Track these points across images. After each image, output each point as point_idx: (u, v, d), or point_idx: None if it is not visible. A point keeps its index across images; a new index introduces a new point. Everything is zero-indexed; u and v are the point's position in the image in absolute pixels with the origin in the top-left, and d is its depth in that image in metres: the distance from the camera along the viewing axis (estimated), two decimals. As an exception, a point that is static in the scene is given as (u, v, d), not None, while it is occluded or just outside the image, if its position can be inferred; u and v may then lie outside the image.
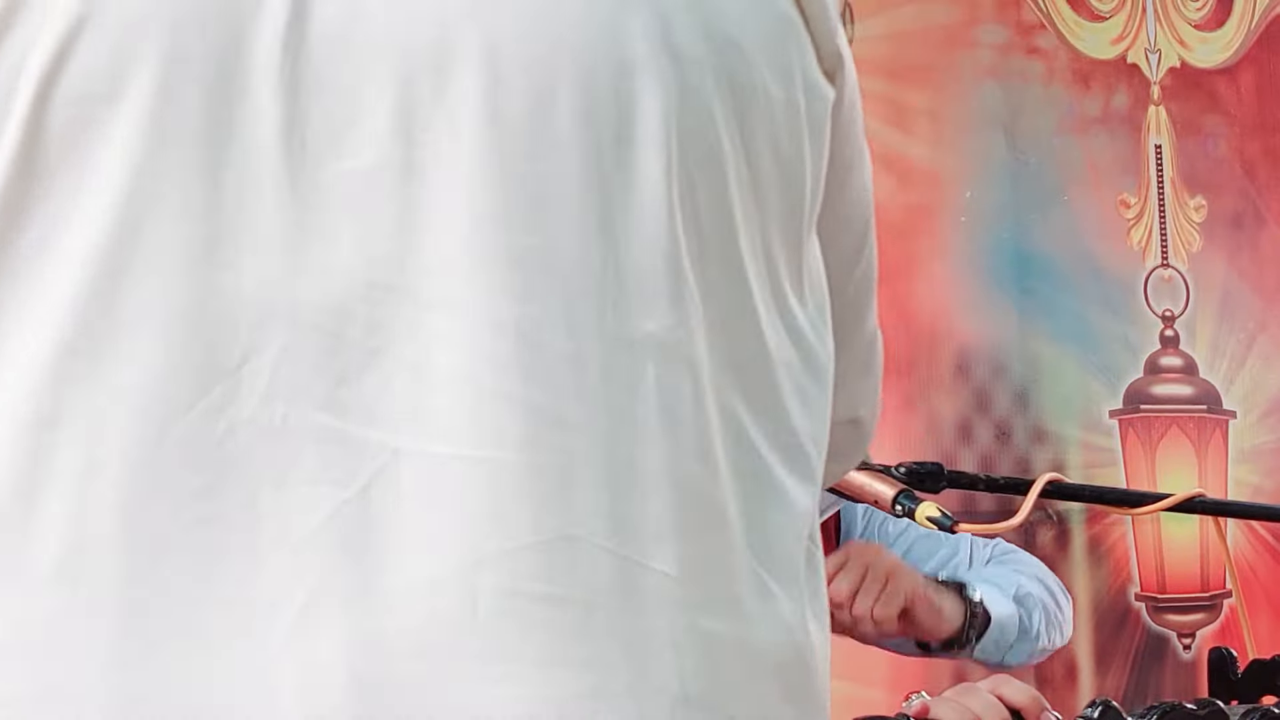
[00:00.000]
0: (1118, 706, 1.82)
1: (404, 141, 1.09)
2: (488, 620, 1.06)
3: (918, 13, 4.06)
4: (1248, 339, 4.39)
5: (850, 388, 1.32)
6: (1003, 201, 4.12)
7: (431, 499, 1.07)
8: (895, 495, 1.98)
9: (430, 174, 1.09)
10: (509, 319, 1.08)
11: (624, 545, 1.08)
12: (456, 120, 1.10)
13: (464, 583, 1.06)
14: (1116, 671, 4.17)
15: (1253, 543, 4.31)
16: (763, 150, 1.16)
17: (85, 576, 1.06)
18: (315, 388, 1.08)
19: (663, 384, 1.11)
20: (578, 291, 1.10)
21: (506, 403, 1.08)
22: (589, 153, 1.11)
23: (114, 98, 1.09)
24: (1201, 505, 2.09)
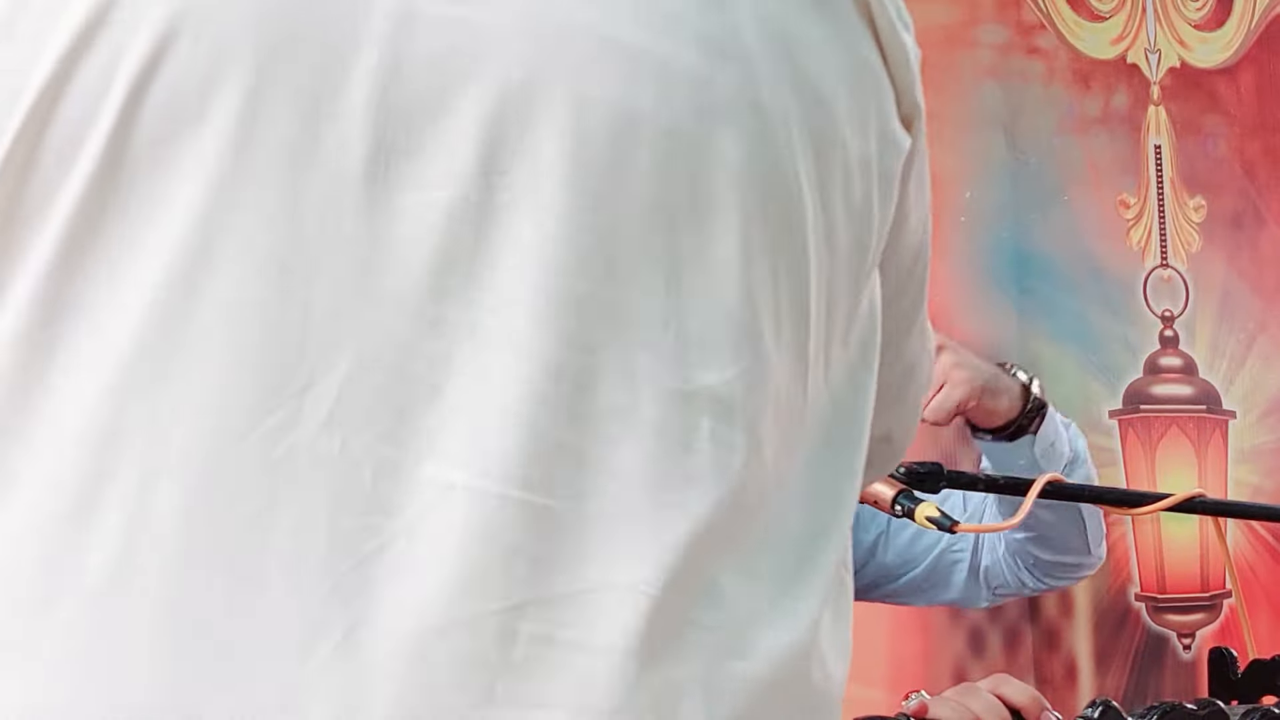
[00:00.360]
0: (1118, 706, 1.82)
1: (483, 181, 1.10)
2: (523, 664, 1.07)
3: (918, 13, 4.03)
4: (1247, 339, 4.39)
5: (882, 411, 1.32)
6: (1003, 201, 4.12)
7: (478, 538, 1.08)
8: (895, 495, 1.99)
9: (505, 215, 1.10)
10: (567, 366, 1.09)
11: (666, 593, 1.09)
12: (537, 165, 1.10)
13: (503, 624, 1.07)
14: (1116, 671, 4.17)
15: (1253, 543, 4.31)
16: (837, 203, 1.16)
17: (136, 591, 1.07)
18: (375, 418, 1.08)
19: (717, 437, 1.11)
20: (638, 344, 1.10)
21: (557, 449, 1.09)
22: (663, 208, 1.11)
23: (201, 115, 1.09)
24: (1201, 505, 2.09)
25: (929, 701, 1.90)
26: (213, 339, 1.08)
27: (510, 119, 1.10)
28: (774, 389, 1.14)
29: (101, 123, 1.09)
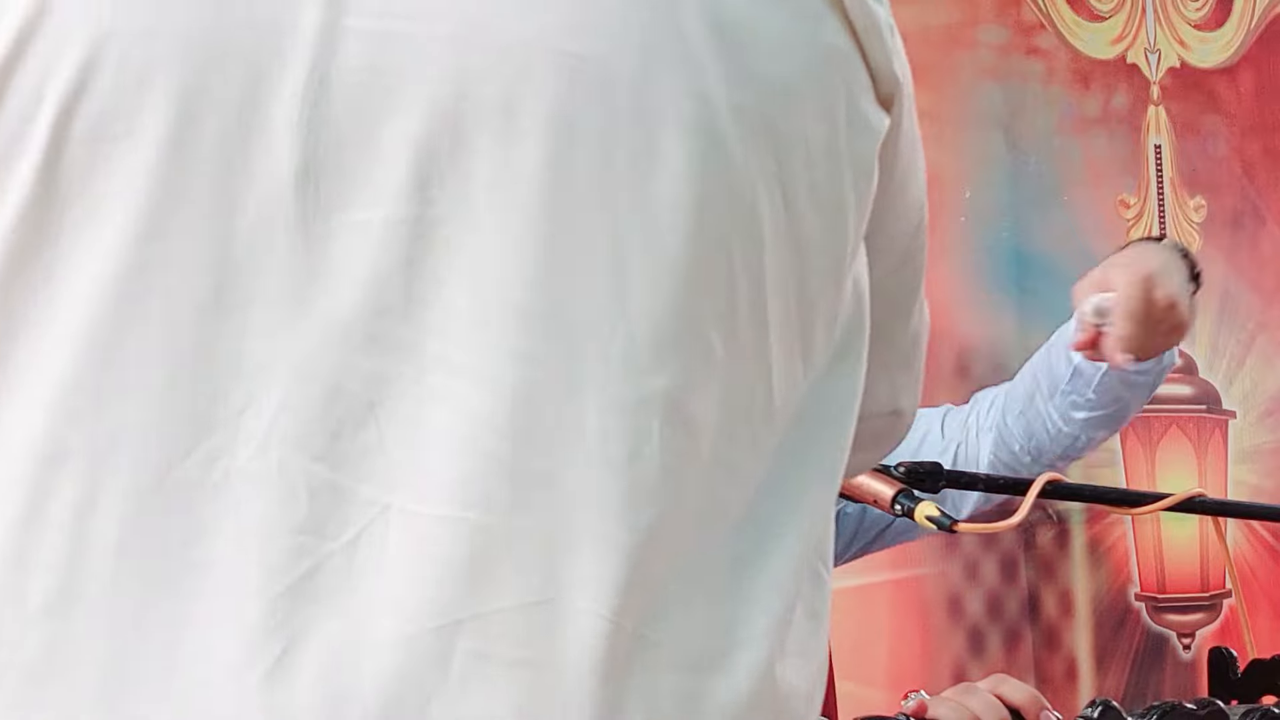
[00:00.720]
0: (1118, 706, 1.82)
1: (418, 197, 1.09)
2: (459, 682, 1.07)
3: (918, 13, 4.06)
4: (1247, 339, 4.39)
5: (892, 380, 1.33)
6: (1003, 201, 4.12)
7: (415, 557, 1.07)
8: (894, 494, 1.98)
9: (441, 231, 1.09)
10: (507, 380, 1.08)
11: (607, 608, 1.08)
12: (471, 179, 1.09)
13: (439, 643, 1.07)
14: (1116, 671, 4.17)
15: (1252, 543, 4.31)
16: (800, 195, 1.15)
17: (76, 613, 1.07)
18: (312, 438, 1.08)
19: (667, 444, 1.10)
20: (583, 353, 1.09)
21: (497, 465, 1.08)
22: (604, 213, 1.10)
23: (130, 137, 1.08)
24: (1201, 505, 2.09)
25: (928, 701, 1.90)
26: (148, 362, 1.08)
27: (442, 134, 1.10)
28: (730, 392, 1.12)
29: (32, 146, 1.09)
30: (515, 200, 1.09)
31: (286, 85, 1.09)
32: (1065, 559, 4.15)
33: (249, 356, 1.09)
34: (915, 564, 3.95)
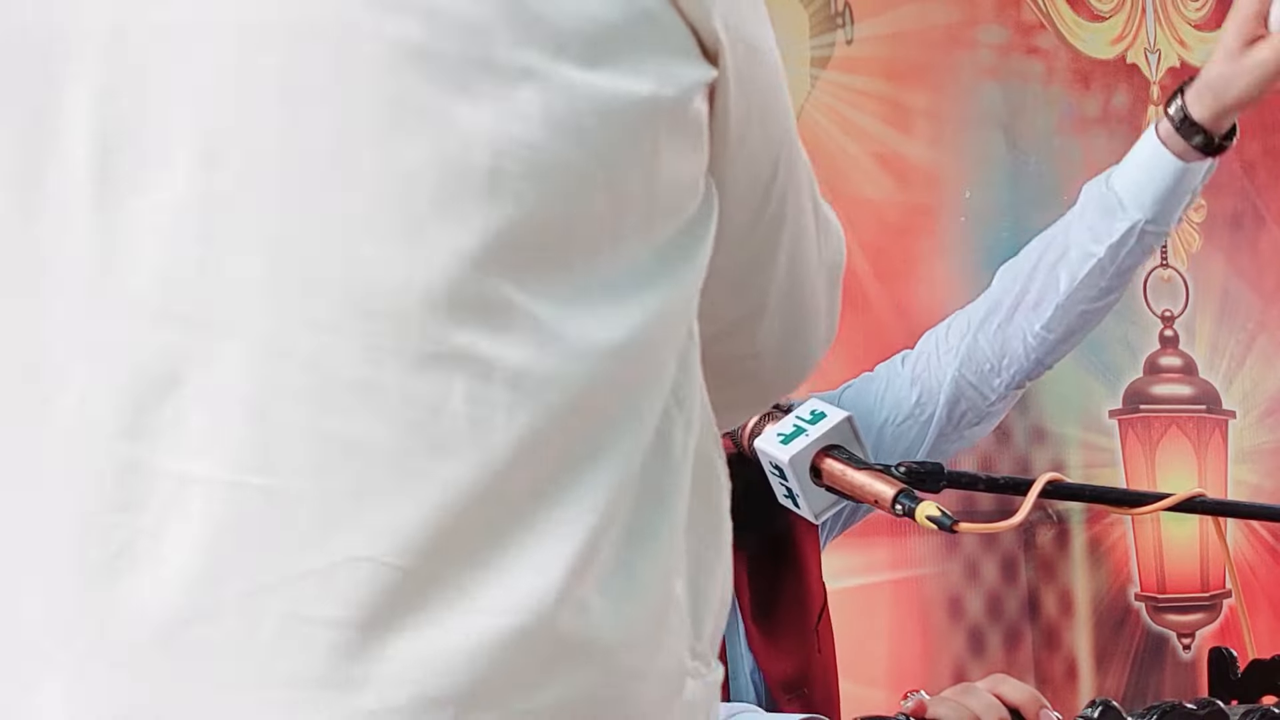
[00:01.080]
0: (1118, 706, 1.82)
1: (206, 174, 1.13)
2: (269, 644, 1.09)
3: (918, 13, 4.06)
4: (1247, 339, 4.39)
5: (754, 325, 1.35)
6: (1003, 201, 4.12)
7: (220, 526, 1.10)
8: (895, 495, 1.98)
9: (231, 206, 1.12)
10: (302, 346, 1.11)
11: (414, 561, 1.10)
12: (257, 154, 1.13)
13: (248, 608, 1.09)
14: (1116, 671, 4.17)
15: (1253, 543, 4.31)
16: (607, 152, 1.17)
17: None
18: (118, 416, 1.11)
19: (474, 396, 1.12)
20: (378, 314, 1.12)
21: (295, 431, 1.11)
22: (391, 176, 1.13)
23: None
24: (1201, 505, 2.08)
25: (927, 701, 1.90)
26: None
27: (227, 112, 1.13)
28: (537, 337, 1.14)
29: None
30: (298, 173, 1.12)
31: (76, 76, 1.13)
32: (1065, 559, 4.15)
33: (54, 343, 1.13)
34: (915, 564, 3.95)
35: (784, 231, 1.34)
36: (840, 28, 3.97)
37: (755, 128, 1.27)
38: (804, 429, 2.09)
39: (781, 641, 2.34)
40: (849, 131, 3.95)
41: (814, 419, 2.11)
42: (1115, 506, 2.20)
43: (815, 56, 3.92)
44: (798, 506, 2.13)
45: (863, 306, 3.94)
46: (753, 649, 2.32)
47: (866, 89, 3.99)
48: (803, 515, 2.14)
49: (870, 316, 3.95)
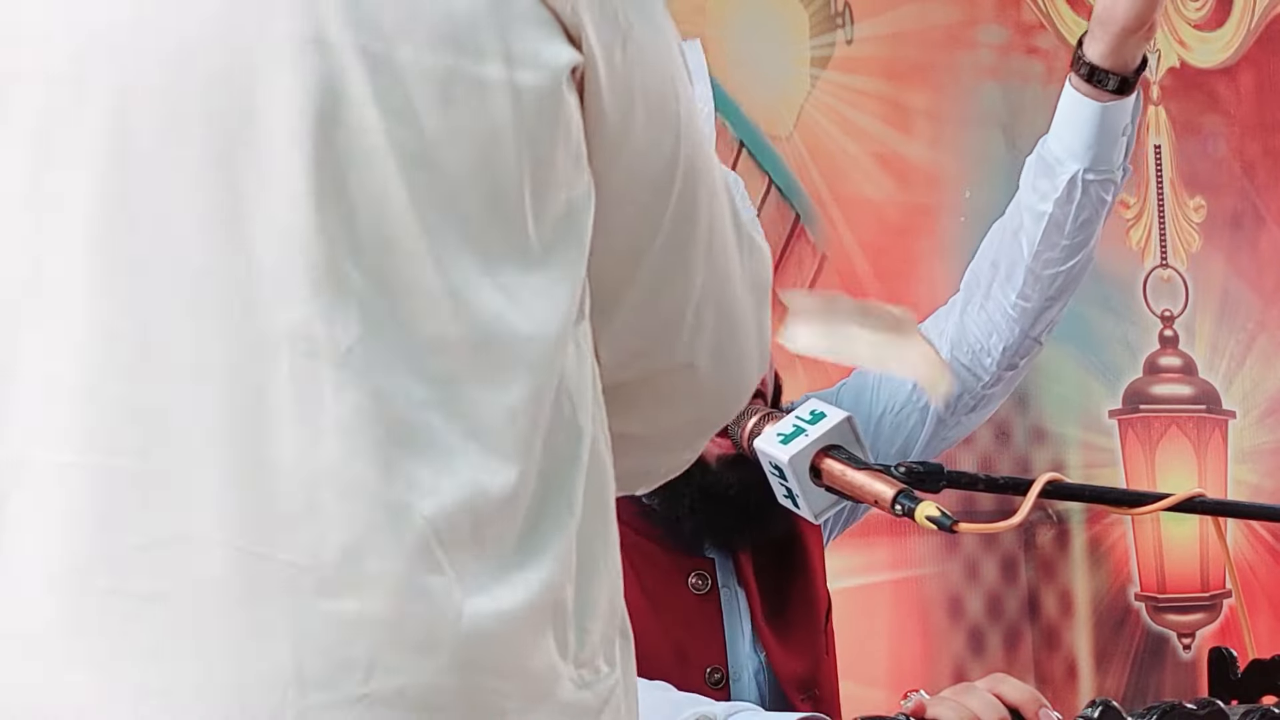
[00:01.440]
0: (1118, 706, 1.82)
1: (38, 164, 1.16)
2: (95, 620, 1.12)
3: (918, 13, 4.06)
4: (1247, 339, 4.39)
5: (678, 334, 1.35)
6: (1003, 201, 4.08)
7: (50, 506, 1.13)
8: (895, 495, 1.98)
9: (60, 195, 1.15)
10: (127, 328, 1.14)
11: (243, 538, 1.12)
12: (87, 140, 1.15)
13: (74, 585, 1.12)
14: (1116, 671, 4.17)
15: (1252, 543, 4.31)
16: (442, 135, 1.18)
17: None
18: None
19: (299, 375, 1.14)
20: (204, 294, 1.14)
21: (123, 410, 1.13)
22: (214, 160, 1.15)
23: None
24: (1201, 505, 2.09)
25: (926, 701, 1.90)
26: None
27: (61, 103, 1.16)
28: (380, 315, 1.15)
29: None
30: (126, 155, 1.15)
31: None
32: (1065, 559, 4.15)
33: None
34: (915, 564, 3.95)
35: (695, 237, 1.33)
36: (840, 28, 3.97)
37: (638, 121, 1.27)
38: (804, 429, 2.09)
39: (793, 642, 2.34)
40: (849, 131, 3.95)
41: (814, 419, 2.11)
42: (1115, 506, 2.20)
43: (815, 56, 3.92)
44: (797, 507, 2.13)
45: (863, 306, 3.94)
46: (766, 648, 2.32)
47: (866, 89, 3.98)
48: (802, 515, 2.14)
49: (870, 316, 3.95)
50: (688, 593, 2.31)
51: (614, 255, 1.28)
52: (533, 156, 1.20)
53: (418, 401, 1.16)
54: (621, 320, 1.30)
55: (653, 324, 1.34)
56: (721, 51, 3.72)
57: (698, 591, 2.31)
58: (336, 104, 1.15)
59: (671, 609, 2.29)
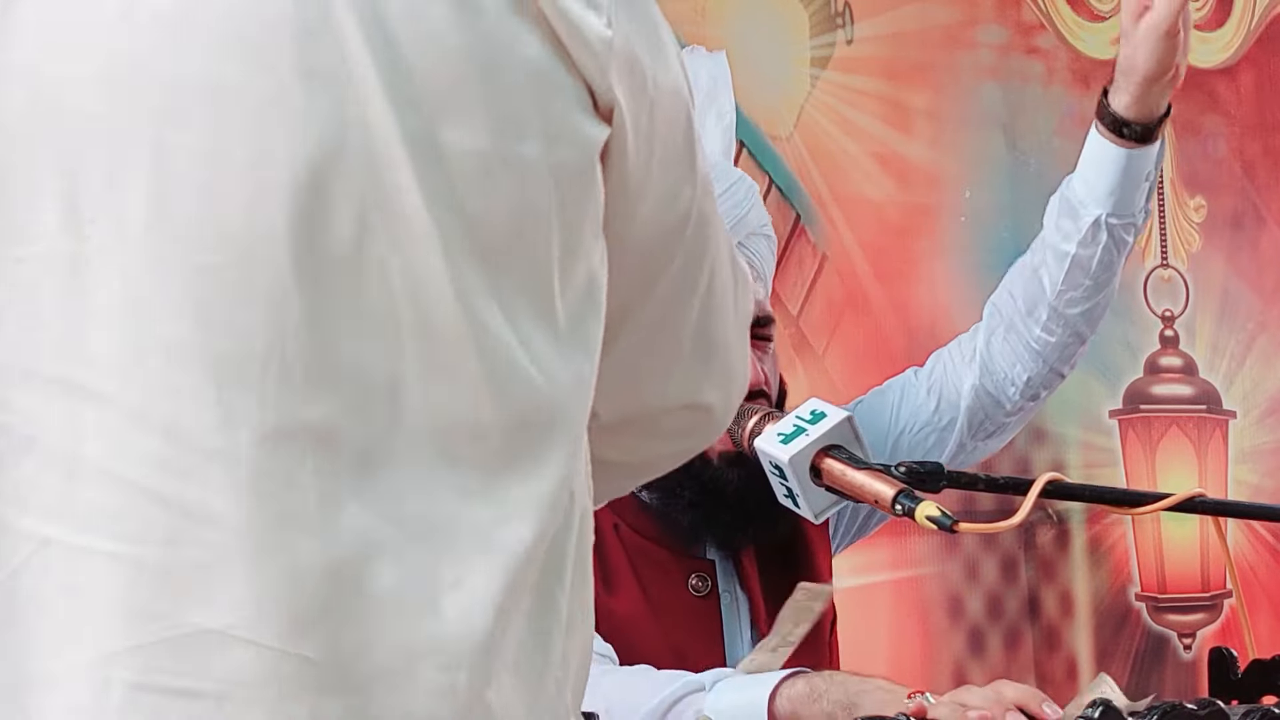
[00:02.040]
0: (1118, 707, 1.82)
1: (73, 233, 1.13)
2: (118, 713, 1.09)
3: (918, 13, 4.06)
4: (1247, 339, 4.39)
5: (685, 374, 1.35)
6: (1003, 201, 4.12)
7: (74, 591, 1.11)
8: (895, 495, 1.98)
9: (95, 267, 1.12)
10: (160, 414, 1.11)
11: (265, 635, 1.11)
12: (124, 215, 1.12)
13: (98, 675, 1.10)
14: (1117, 671, 4.17)
15: (1253, 543, 4.31)
16: (480, 208, 1.16)
17: None
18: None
19: (321, 472, 1.12)
20: (236, 384, 1.12)
21: (150, 499, 1.11)
22: (257, 244, 1.12)
23: None
24: (1201, 505, 2.09)
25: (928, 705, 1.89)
26: None
27: (96, 171, 1.12)
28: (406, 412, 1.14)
29: None
30: (164, 236, 1.12)
31: None
32: (1065, 559, 4.15)
33: None
34: (915, 564, 3.95)
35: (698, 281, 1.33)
36: (840, 28, 3.97)
37: (655, 178, 1.26)
38: (804, 429, 2.09)
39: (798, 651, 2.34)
40: (849, 131, 3.95)
41: (814, 419, 2.11)
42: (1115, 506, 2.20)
43: (815, 56, 3.92)
44: (797, 506, 2.13)
45: (863, 306, 3.94)
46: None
47: (866, 89, 3.98)
48: (803, 515, 2.14)
49: (870, 316, 3.95)
50: (688, 594, 2.31)
51: (617, 298, 1.27)
52: (563, 232, 1.20)
53: (447, 493, 1.15)
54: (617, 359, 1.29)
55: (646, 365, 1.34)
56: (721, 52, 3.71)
57: (698, 593, 2.31)
58: (379, 191, 1.13)
59: (671, 611, 2.29)
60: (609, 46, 1.20)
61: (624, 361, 1.30)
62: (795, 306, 3.84)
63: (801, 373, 3.78)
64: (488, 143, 1.16)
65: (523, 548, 1.17)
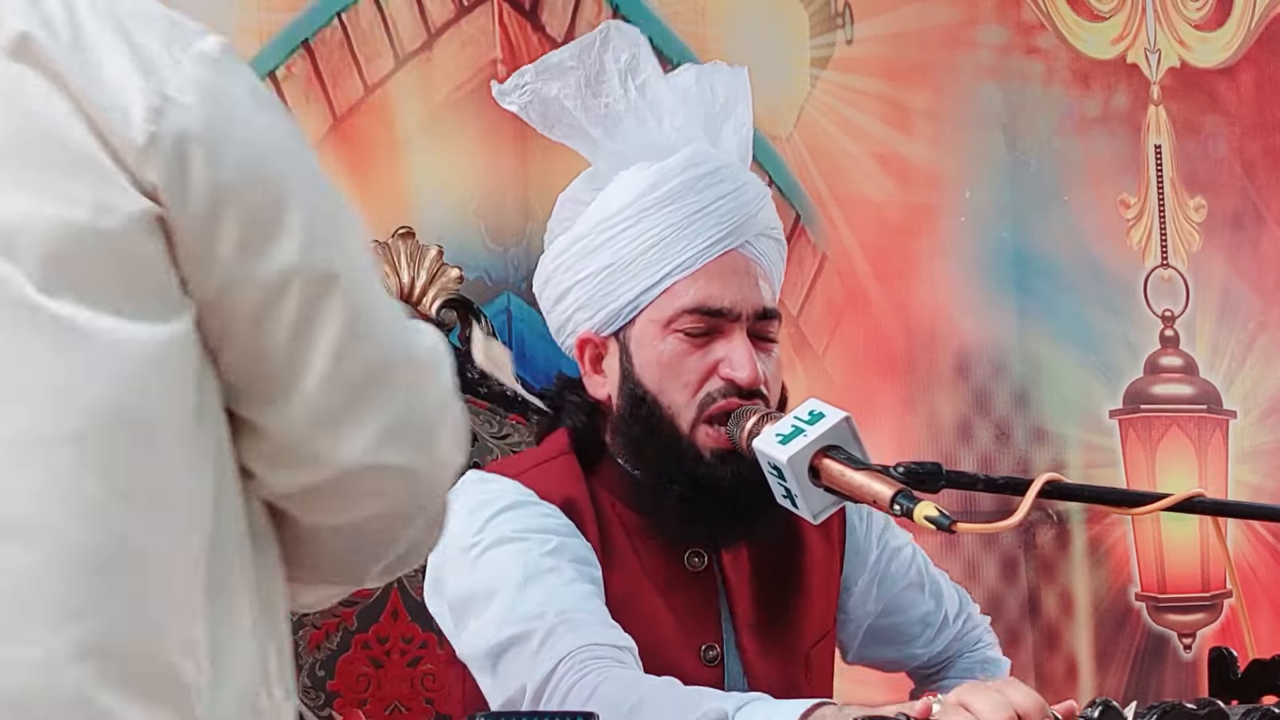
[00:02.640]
0: (1118, 706, 1.82)
1: None
2: None
3: (918, 13, 4.06)
4: (1248, 339, 4.38)
5: (350, 437, 1.44)
6: (1003, 201, 4.12)
7: None
8: (894, 495, 1.98)
9: None
10: None
11: None
12: None
13: None
14: (1117, 671, 4.17)
15: (1253, 543, 4.31)
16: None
17: None
18: None
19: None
20: None
21: None
22: None
23: None
24: (1201, 505, 2.08)
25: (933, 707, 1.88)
26: None
27: None
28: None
29: None
30: None
31: None
32: (1065, 559, 4.14)
33: None
34: (915, 564, 3.95)
35: (297, 366, 1.42)
36: (840, 28, 3.97)
37: (269, 255, 1.38)
38: (802, 429, 2.09)
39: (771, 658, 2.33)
40: (849, 131, 3.95)
41: (812, 419, 2.11)
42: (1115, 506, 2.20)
43: (815, 56, 3.92)
44: (796, 507, 2.13)
45: (863, 306, 3.94)
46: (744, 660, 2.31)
47: (866, 89, 3.98)
48: (801, 515, 2.14)
49: (870, 316, 3.94)
50: (685, 569, 2.31)
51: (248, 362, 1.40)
52: (149, 299, 1.38)
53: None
54: (281, 421, 1.41)
55: (315, 419, 1.43)
56: (721, 51, 3.71)
57: (694, 569, 2.31)
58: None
59: (670, 586, 2.29)
60: (149, 125, 1.35)
61: (293, 420, 1.41)
62: (795, 306, 3.84)
63: (801, 373, 3.78)
64: (42, 209, 1.31)
65: None
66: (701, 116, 2.38)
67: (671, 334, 2.27)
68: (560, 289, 2.33)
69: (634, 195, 2.29)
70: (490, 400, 2.71)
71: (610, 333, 2.31)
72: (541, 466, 2.33)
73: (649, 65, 2.36)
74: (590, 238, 2.30)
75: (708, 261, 2.27)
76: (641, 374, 2.28)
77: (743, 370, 2.24)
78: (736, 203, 2.30)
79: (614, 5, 3.72)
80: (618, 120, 2.33)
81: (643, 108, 2.34)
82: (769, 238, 2.35)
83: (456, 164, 3.53)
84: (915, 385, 4.00)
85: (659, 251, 2.27)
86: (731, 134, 2.41)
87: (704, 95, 2.39)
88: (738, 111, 2.44)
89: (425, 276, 2.70)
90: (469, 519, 2.23)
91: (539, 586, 2.16)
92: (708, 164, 2.32)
